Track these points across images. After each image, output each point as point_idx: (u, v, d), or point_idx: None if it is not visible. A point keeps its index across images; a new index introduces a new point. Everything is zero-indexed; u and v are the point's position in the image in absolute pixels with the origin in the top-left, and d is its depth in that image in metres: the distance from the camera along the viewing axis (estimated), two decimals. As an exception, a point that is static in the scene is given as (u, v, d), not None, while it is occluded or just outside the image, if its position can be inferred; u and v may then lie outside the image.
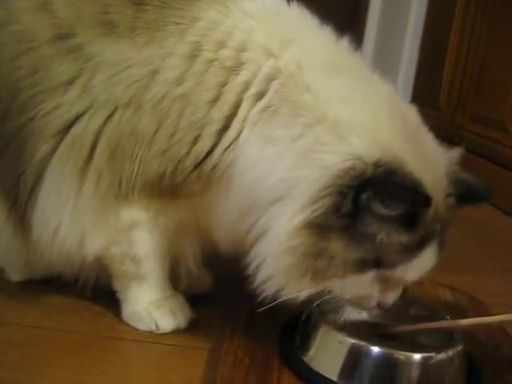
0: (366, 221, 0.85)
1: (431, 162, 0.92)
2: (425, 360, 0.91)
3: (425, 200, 0.83)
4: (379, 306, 0.93)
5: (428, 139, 0.97)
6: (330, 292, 0.90)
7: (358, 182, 0.84)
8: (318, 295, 0.91)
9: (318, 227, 0.85)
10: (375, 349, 0.91)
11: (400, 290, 0.94)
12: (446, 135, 2.83)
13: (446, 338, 0.98)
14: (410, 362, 0.90)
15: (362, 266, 0.86)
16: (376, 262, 0.87)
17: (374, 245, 0.86)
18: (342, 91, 0.92)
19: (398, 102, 0.98)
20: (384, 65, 3.56)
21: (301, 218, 0.86)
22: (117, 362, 0.99)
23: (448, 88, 3.02)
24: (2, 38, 1.03)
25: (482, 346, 1.09)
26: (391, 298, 0.93)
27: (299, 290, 0.89)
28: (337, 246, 0.85)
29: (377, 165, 0.84)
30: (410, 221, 0.86)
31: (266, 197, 0.90)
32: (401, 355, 0.90)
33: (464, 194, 0.96)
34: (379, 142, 0.87)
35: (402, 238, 0.86)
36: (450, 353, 0.92)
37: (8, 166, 1.04)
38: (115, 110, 0.97)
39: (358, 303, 0.94)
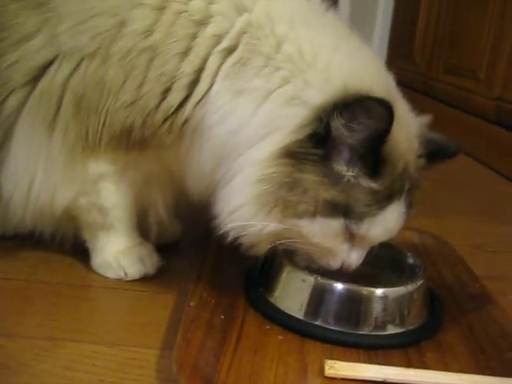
0: (336, 155, 0.86)
1: (405, 123, 0.93)
2: (386, 294, 0.93)
3: (384, 111, 0.82)
4: (343, 266, 0.95)
5: (402, 101, 0.97)
6: (296, 234, 0.91)
7: (332, 107, 0.85)
8: (283, 235, 0.91)
9: (295, 157, 0.87)
10: (338, 285, 0.93)
11: (365, 251, 0.95)
12: (421, 87, 2.87)
13: (409, 274, 1.02)
14: (372, 296, 0.93)
15: (332, 209, 0.87)
16: (345, 209, 0.88)
17: (344, 186, 0.87)
18: (325, 42, 0.93)
19: (379, 60, 1.00)
20: (360, 21, 3.55)
21: (280, 145, 0.87)
22: (87, 308, 1.01)
23: (422, 40, 3.02)
24: None
25: (448, 284, 1.13)
26: (356, 258, 0.94)
27: (267, 223, 0.89)
28: (311, 178, 0.86)
29: (353, 94, 0.85)
30: (376, 166, 0.87)
31: (242, 144, 0.91)
32: (364, 290, 0.93)
33: (435, 153, 0.97)
34: (365, 84, 0.88)
35: (368, 183, 0.87)
36: (410, 287, 0.95)
37: None
38: (81, 60, 0.97)
39: (324, 260, 0.95)
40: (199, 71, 0.94)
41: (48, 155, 1.01)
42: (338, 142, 0.86)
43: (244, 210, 0.90)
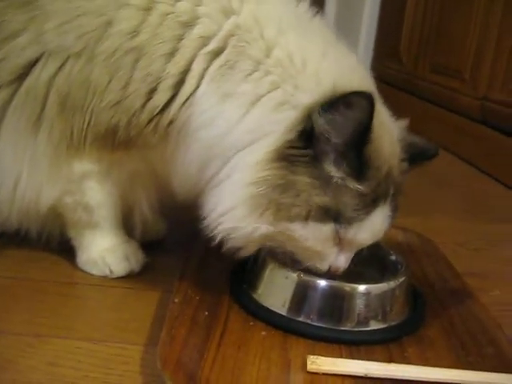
0: (323, 155, 0.87)
1: (388, 129, 0.95)
2: (369, 291, 0.95)
3: (365, 102, 0.83)
4: (331, 269, 0.96)
5: (383, 107, 0.99)
6: (286, 237, 0.92)
7: (319, 105, 0.86)
8: (274, 238, 0.92)
9: (288, 160, 0.88)
10: (321, 282, 0.95)
11: (352, 254, 0.96)
12: (407, 86, 2.89)
13: (391, 271, 1.03)
14: (355, 293, 0.95)
15: (323, 214, 0.88)
16: (335, 214, 0.89)
17: (334, 190, 0.88)
18: (314, 48, 0.95)
19: (363, 66, 1.03)
20: (346, 19, 3.57)
21: (272, 148, 0.88)
22: (73, 305, 1.02)
23: (408, 40, 3.04)
24: None
25: (430, 281, 1.15)
26: (343, 261, 0.95)
27: (258, 226, 0.89)
28: (303, 180, 0.87)
29: (342, 93, 0.86)
30: (360, 167, 0.88)
31: (230, 147, 0.92)
32: (346, 287, 0.95)
33: (415, 156, 0.99)
34: (352, 87, 0.89)
35: (355, 185, 0.88)
36: (392, 284, 0.97)
37: None
38: (67, 59, 0.97)
39: (312, 263, 0.95)
40: (185, 72, 0.94)
41: (33, 154, 1.02)
42: (322, 140, 0.87)
43: (236, 212, 0.90)
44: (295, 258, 0.96)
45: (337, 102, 0.84)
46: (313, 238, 0.91)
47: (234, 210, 0.90)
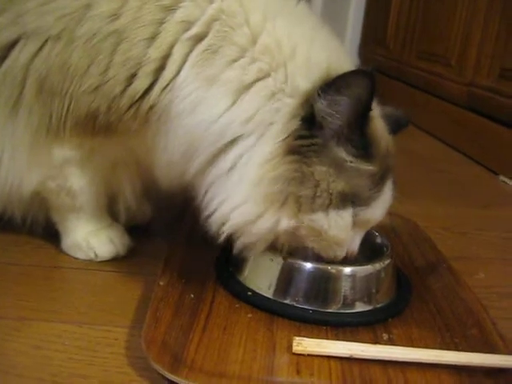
0: (329, 140, 0.87)
1: (374, 104, 0.95)
2: (354, 273, 0.95)
3: (365, 79, 0.83)
4: (347, 253, 0.96)
5: None
6: (309, 230, 0.91)
7: (318, 89, 0.86)
8: (295, 232, 0.91)
9: (299, 152, 0.87)
10: (307, 265, 0.95)
11: (363, 235, 0.97)
12: (394, 73, 2.89)
13: (377, 254, 1.03)
14: (340, 275, 0.95)
15: (343, 200, 0.89)
16: (353, 197, 0.89)
17: (348, 174, 0.88)
18: (301, 34, 0.93)
19: (347, 51, 1.02)
20: (333, 7, 3.56)
21: (279, 139, 0.87)
22: (58, 289, 1.02)
23: (395, 26, 3.05)
24: None
25: (416, 264, 1.16)
26: (357, 243, 0.96)
27: (278, 220, 0.89)
28: (319, 169, 0.87)
29: (336, 75, 0.85)
30: (365, 147, 0.88)
31: (220, 137, 0.90)
32: (332, 269, 0.95)
33: (393, 126, 1.00)
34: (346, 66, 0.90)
35: (365, 166, 0.89)
36: (378, 266, 0.97)
37: None
38: (45, 41, 0.95)
39: (331, 252, 0.95)
40: (166, 57, 0.92)
41: (12, 139, 1.00)
42: (325, 125, 0.86)
43: (251, 208, 0.89)
44: (310, 250, 0.95)
45: (335, 83, 0.84)
46: (335, 225, 0.90)
47: (247, 207, 0.89)
